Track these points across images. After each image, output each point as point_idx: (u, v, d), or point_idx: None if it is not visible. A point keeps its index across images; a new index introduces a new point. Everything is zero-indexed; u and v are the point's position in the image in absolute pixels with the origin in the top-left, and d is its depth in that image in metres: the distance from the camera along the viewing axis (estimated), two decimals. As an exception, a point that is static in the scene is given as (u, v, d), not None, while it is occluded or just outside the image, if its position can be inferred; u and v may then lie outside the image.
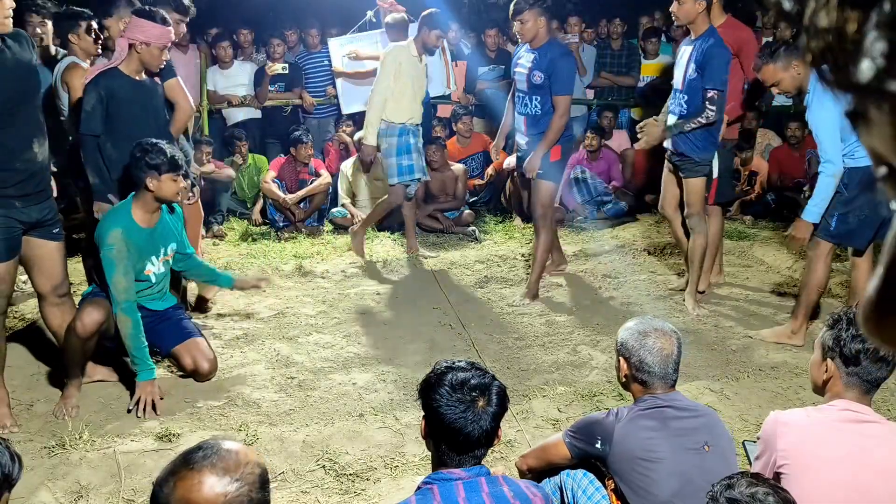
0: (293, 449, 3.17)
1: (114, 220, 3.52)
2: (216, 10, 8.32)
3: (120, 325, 3.46)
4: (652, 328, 2.23)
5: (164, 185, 3.50)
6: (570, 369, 3.89)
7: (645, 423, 2.14)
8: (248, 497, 1.42)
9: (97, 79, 3.82)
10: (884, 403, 3.43)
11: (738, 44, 4.43)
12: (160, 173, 3.47)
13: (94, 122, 3.80)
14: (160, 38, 3.80)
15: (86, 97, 3.83)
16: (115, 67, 3.85)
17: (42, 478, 2.95)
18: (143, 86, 3.92)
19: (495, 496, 1.80)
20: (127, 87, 3.84)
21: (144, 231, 3.59)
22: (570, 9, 7.69)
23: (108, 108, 3.81)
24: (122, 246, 3.47)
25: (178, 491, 1.41)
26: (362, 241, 5.80)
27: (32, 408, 3.50)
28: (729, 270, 5.39)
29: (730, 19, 4.55)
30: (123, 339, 3.47)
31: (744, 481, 1.67)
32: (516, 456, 3.06)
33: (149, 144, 3.49)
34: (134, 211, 3.56)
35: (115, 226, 3.49)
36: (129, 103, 3.85)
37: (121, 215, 3.55)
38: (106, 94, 3.79)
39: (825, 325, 2.11)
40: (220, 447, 1.48)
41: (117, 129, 3.83)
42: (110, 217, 3.56)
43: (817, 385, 2.13)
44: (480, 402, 1.82)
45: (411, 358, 4.03)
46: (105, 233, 3.48)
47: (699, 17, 4.20)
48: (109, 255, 3.45)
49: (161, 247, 3.70)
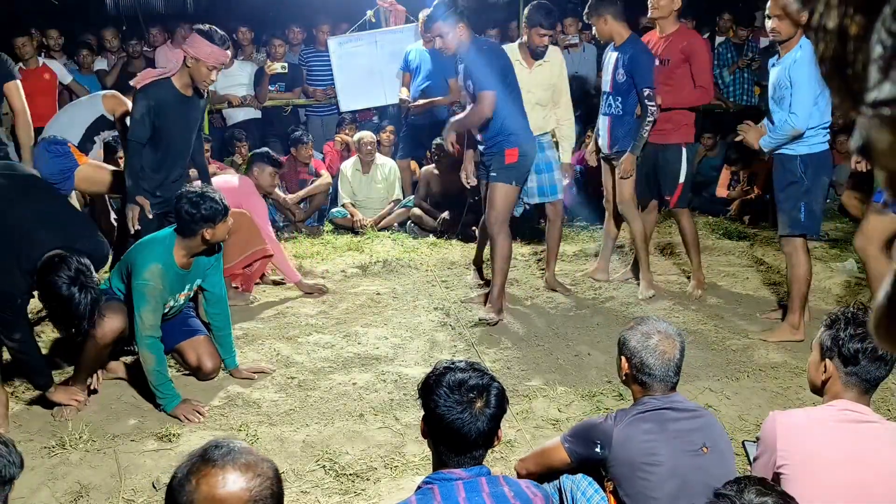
0: (293, 449, 3.17)
1: (155, 255, 3.42)
2: (216, 10, 8.34)
3: (142, 358, 3.40)
4: (656, 330, 2.22)
5: (218, 231, 3.45)
6: (570, 369, 3.89)
7: (644, 426, 2.13)
8: (270, 490, 1.43)
9: (148, 88, 3.90)
10: (884, 403, 3.43)
11: (689, 51, 4.57)
12: (215, 223, 3.41)
13: (142, 131, 3.89)
14: (210, 56, 3.88)
15: (136, 105, 3.92)
16: (167, 79, 3.95)
17: (42, 478, 2.95)
18: (189, 101, 4.02)
19: (496, 496, 1.80)
20: (174, 101, 3.94)
21: (180, 272, 3.52)
22: (570, 9, 7.68)
23: (155, 119, 3.90)
24: (158, 283, 3.39)
25: (202, 489, 1.39)
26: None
27: (32, 408, 3.50)
28: (729, 270, 5.40)
29: (682, 27, 4.72)
30: (146, 371, 3.41)
31: (753, 489, 1.64)
32: (516, 456, 3.06)
33: (195, 196, 3.39)
34: (176, 251, 3.47)
35: (155, 260, 3.40)
36: (174, 116, 3.96)
37: (162, 251, 3.44)
38: (155, 105, 3.88)
39: (823, 326, 2.11)
40: (234, 444, 1.47)
41: (159, 139, 3.95)
42: (151, 249, 3.46)
43: (816, 385, 2.13)
44: (478, 404, 1.82)
45: (411, 358, 4.04)
46: (144, 265, 3.38)
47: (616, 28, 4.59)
48: (143, 290, 3.36)
49: (188, 284, 3.65)
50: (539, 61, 4.71)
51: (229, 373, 3.84)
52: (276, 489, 1.44)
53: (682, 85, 4.60)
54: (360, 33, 7.13)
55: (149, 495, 2.87)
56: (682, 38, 4.60)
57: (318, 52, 7.40)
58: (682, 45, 4.56)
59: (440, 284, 5.17)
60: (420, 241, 6.24)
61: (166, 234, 3.54)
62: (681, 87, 4.60)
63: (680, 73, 4.59)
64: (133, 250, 3.54)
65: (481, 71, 4.23)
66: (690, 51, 4.55)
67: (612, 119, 4.72)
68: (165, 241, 3.49)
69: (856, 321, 2.03)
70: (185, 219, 3.40)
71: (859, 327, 2.02)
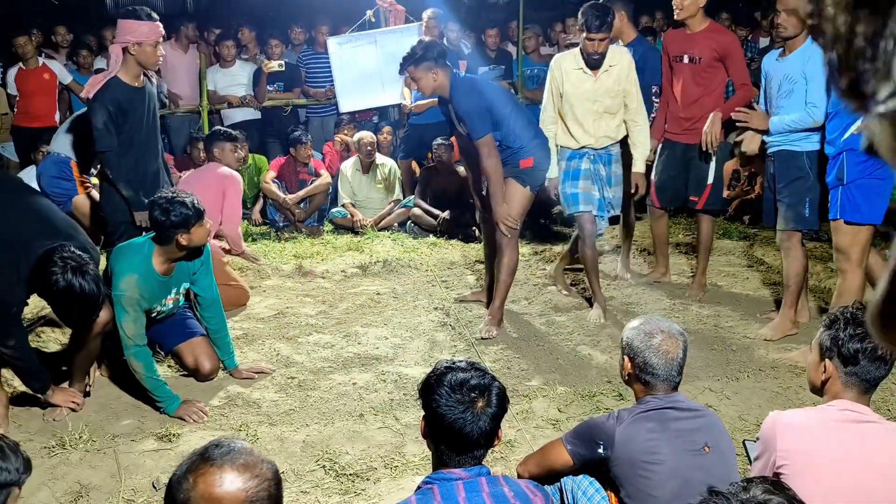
0: (293, 449, 3.17)
1: (130, 265, 3.34)
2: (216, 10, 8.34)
3: (132, 368, 3.37)
4: (658, 329, 2.22)
5: (194, 236, 3.35)
6: (570, 369, 3.89)
7: (646, 425, 2.13)
8: (267, 492, 1.43)
9: (100, 95, 3.80)
10: (884, 403, 3.43)
11: (722, 51, 4.49)
12: (189, 228, 3.32)
13: (110, 138, 3.81)
14: (150, 34, 3.79)
15: (94, 116, 3.80)
16: (115, 78, 3.83)
17: (42, 478, 2.95)
18: (142, 91, 3.93)
19: (496, 496, 1.80)
20: (130, 96, 3.85)
21: (160, 279, 3.45)
22: (569, 9, 7.69)
23: (117, 121, 3.81)
24: (136, 293, 3.32)
25: (199, 487, 1.39)
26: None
27: (32, 408, 3.50)
28: (729, 270, 5.40)
29: (712, 24, 4.63)
30: (139, 380, 3.39)
31: (761, 486, 1.63)
32: (516, 456, 3.06)
33: (165, 202, 3.27)
34: (154, 258, 3.39)
35: (130, 271, 3.32)
36: (135, 112, 3.87)
37: (139, 261, 3.36)
38: (114, 109, 3.79)
39: (822, 326, 2.11)
40: (234, 444, 1.47)
41: (129, 140, 3.87)
42: (127, 258, 3.37)
43: (815, 386, 2.13)
44: (480, 403, 1.82)
45: (411, 358, 4.04)
46: (120, 275, 3.31)
47: (626, 26, 4.71)
48: (120, 301, 3.30)
49: (174, 289, 3.59)
50: (604, 67, 4.34)
51: (229, 373, 3.84)
52: (273, 491, 1.44)
53: (713, 83, 4.54)
54: (360, 33, 7.12)
55: (149, 495, 2.87)
56: (714, 36, 4.50)
57: (318, 54, 7.40)
58: (715, 43, 4.46)
59: (440, 284, 5.17)
60: (420, 241, 6.24)
61: (143, 240, 3.45)
62: (712, 85, 4.54)
63: (711, 71, 4.51)
64: (113, 257, 3.45)
65: (470, 117, 4.05)
66: (724, 51, 4.46)
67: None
68: (143, 248, 3.41)
69: (855, 321, 2.03)
70: (158, 226, 3.33)
71: (858, 327, 2.02)
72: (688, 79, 4.55)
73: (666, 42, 4.73)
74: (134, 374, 3.40)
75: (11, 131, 6.83)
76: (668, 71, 4.68)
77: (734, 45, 4.55)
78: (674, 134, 4.70)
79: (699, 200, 4.69)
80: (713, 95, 4.55)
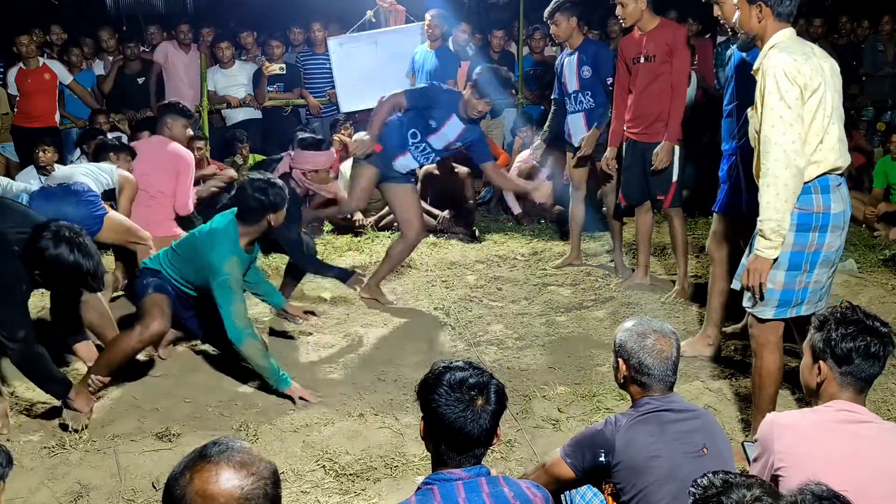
0: (293, 449, 3.17)
1: (228, 248, 3.48)
2: (216, 10, 8.33)
3: (250, 352, 3.43)
4: (651, 329, 2.22)
5: (280, 217, 3.58)
6: (570, 369, 3.89)
7: (646, 429, 2.13)
8: (263, 491, 1.43)
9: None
10: (884, 403, 3.43)
11: (672, 42, 4.50)
12: (280, 209, 3.54)
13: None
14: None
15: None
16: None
17: (42, 478, 2.96)
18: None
19: (496, 496, 1.80)
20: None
21: (245, 258, 3.61)
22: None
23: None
24: (238, 274, 3.48)
25: (195, 483, 1.40)
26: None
27: (32, 408, 3.50)
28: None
29: (663, 20, 4.64)
30: (257, 368, 3.47)
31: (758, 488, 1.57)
32: (516, 456, 3.07)
33: (262, 183, 3.51)
34: (241, 239, 3.55)
35: (231, 254, 3.47)
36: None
37: (232, 243, 3.51)
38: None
39: (813, 328, 2.10)
40: (233, 443, 1.48)
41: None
42: (220, 242, 3.49)
43: (810, 388, 2.13)
44: (479, 401, 1.83)
45: (411, 358, 4.04)
46: (222, 260, 3.43)
47: (576, 31, 4.96)
48: (229, 283, 3.41)
49: (249, 267, 3.75)
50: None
51: (280, 311, 4.10)
52: (270, 490, 1.44)
53: (668, 81, 4.50)
54: (360, 34, 7.13)
55: (149, 495, 2.88)
56: (664, 31, 4.52)
57: (315, 55, 7.40)
58: (665, 38, 4.48)
59: (440, 284, 5.18)
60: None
61: (226, 223, 3.55)
62: (667, 83, 4.51)
63: (667, 66, 4.49)
64: (199, 246, 3.52)
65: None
66: (673, 44, 4.47)
67: (586, 114, 5.06)
68: (230, 231, 3.53)
69: (846, 320, 2.03)
70: (252, 206, 3.50)
71: (850, 326, 2.01)
72: (646, 77, 4.55)
73: (621, 48, 4.72)
74: (251, 363, 3.48)
75: (11, 131, 6.82)
76: (625, 75, 4.68)
77: (681, 40, 4.54)
78: (635, 133, 4.70)
79: (666, 199, 4.69)
80: (667, 92, 4.53)
